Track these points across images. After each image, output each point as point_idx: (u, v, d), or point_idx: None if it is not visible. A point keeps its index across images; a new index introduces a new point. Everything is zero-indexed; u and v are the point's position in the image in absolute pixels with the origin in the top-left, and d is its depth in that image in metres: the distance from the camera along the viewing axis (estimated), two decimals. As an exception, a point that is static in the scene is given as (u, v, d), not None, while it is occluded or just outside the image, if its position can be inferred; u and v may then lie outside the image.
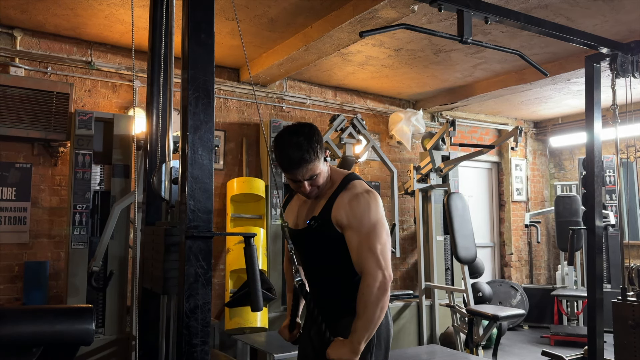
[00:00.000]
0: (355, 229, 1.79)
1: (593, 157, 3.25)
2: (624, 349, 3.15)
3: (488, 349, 5.10)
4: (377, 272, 1.75)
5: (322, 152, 1.84)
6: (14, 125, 3.80)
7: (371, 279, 1.75)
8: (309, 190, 1.86)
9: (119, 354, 3.71)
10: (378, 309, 1.74)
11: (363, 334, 1.74)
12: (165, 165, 1.82)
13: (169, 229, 1.70)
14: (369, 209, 1.80)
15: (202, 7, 1.56)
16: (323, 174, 1.86)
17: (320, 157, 1.82)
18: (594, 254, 3.22)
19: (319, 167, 1.83)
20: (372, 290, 1.74)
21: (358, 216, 1.79)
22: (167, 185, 1.81)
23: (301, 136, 1.80)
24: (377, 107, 6.10)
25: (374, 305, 1.74)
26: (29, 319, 2.13)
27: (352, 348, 1.74)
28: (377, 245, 1.78)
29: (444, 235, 5.49)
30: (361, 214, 1.79)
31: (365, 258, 1.77)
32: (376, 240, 1.78)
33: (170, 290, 1.70)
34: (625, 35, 4.20)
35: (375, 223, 1.79)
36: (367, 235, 1.78)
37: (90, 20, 3.93)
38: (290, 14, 3.82)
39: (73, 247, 3.71)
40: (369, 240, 1.78)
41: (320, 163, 1.83)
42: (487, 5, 2.63)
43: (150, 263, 1.87)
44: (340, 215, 1.81)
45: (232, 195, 4.63)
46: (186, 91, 1.52)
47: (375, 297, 1.74)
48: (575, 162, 7.40)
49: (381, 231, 1.80)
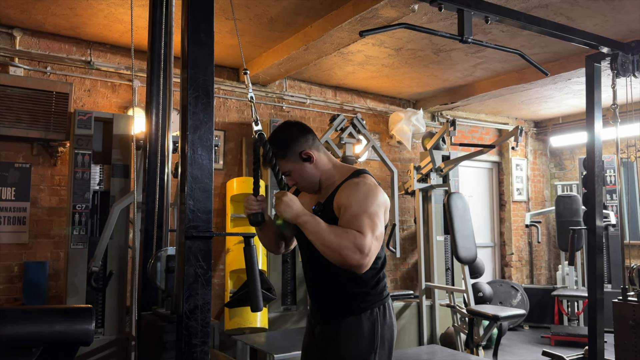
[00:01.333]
0: (354, 205, 1.72)
1: (593, 156, 3.24)
2: (624, 349, 3.14)
3: (488, 349, 5.09)
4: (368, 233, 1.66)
5: (292, 153, 1.85)
6: (14, 125, 3.79)
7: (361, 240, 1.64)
8: (292, 184, 1.92)
9: (118, 354, 3.71)
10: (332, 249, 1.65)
11: (312, 225, 1.69)
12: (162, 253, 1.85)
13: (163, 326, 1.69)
14: (373, 197, 1.75)
15: (201, 6, 1.56)
16: (301, 172, 1.87)
17: (287, 156, 1.85)
18: (594, 253, 3.22)
19: (287, 165, 1.86)
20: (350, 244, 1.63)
21: (360, 197, 1.73)
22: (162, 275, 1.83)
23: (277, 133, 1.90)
24: (377, 107, 6.09)
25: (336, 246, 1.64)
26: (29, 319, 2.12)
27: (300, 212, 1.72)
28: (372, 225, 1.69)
29: (444, 235, 5.48)
30: (364, 197, 1.74)
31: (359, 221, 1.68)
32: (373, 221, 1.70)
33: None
34: (626, 34, 4.20)
35: (375, 210, 1.73)
36: (363, 212, 1.70)
37: (89, 20, 3.93)
38: (290, 14, 3.82)
39: (72, 247, 3.71)
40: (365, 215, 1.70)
41: (288, 163, 1.86)
42: (487, 5, 2.62)
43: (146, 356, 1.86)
44: (341, 197, 1.77)
45: (232, 195, 4.63)
46: (186, 91, 1.52)
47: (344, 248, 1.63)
48: (575, 162, 7.40)
49: (377, 220, 1.72)
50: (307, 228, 1.71)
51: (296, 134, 1.88)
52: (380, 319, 1.83)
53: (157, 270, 1.83)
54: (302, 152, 1.86)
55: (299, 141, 1.87)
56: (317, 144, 1.92)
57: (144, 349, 1.90)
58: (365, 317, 1.82)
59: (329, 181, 1.90)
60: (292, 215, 1.72)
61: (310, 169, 1.88)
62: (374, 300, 1.84)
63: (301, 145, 1.87)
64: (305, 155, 1.86)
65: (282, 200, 1.73)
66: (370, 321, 1.82)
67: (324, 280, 1.93)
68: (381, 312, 1.84)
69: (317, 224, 1.70)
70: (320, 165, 1.90)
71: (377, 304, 1.85)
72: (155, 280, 1.83)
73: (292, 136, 1.88)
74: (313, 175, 1.89)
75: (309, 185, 1.91)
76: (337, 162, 1.96)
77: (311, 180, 1.90)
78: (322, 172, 1.90)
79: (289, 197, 1.74)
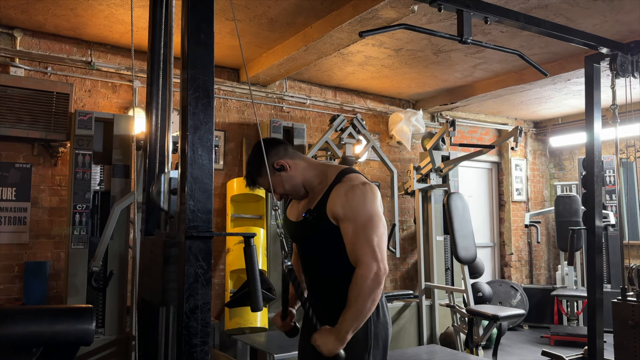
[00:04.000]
0: (351, 219, 1.78)
1: (593, 157, 3.25)
2: (623, 349, 3.15)
3: (488, 349, 5.10)
4: (372, 263, 1.73)
5: (264, 170, 1.89)
6: (14, 125, 3.80)
7: (366, 270, 1.73)
8: (279, 197, 1.98)
9: (118, 354, 3.71)
10: (369, 300, 1.73)
11: (351, 324, 1.73)
12: (164, 175, 1.82)
13: (167, 241, 1.69)
14: (364, 200, 1.79)
15: (201, 7, 1.56)
16: (280, 183, 1.93)
17: (264, 174, 1.89)
18: (593, 254, 3.22)
19: (265, 183, 1.93)
20: (365, 281, 1.72)
21: (354, 207, 1.78)
22: (166, 196, 1.81)
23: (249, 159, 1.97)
24: (377, 107, 6.10)
25: (366, 296, 1.72)
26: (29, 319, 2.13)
27: (339, 337, 1.73)
28: (373, 237, 1.76)
29: (444, 235, 5.49)
30: (357, 205, 1.78)
31: (360, 249, 1.75)
32: (372, 231, 1.77)
33: (168, 302, 1.68)
34: (625, 35, 4.21)
35: (371, 214, 1.78)
36: (363, 226, 1.77)
37: (90, 20, 3.93)
38: (290, 14, 3.82)
39: (73, 247, 3.71)
40: (365, 231, 1.76)
41: (266, 179, 1.91)
42: (486, 5, 2.63)
43: (148, 274, 1.86)
44: (335, 207, 1.81)
45: (232, 195, 4.63)
46: (186, 91, 1.52)
47: (368, 288, 1.72)
48: (575, 162, 7.40)
49: (378, 223, 1.79)
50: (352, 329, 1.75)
51: (265, 150, 1.91)
52: (373, 317, 1.84)
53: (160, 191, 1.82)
54: (274, 164, 1.92)
55: (269, 155, 1.91)
56: (290, 152, 1.97)
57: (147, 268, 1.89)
58: None
59: (315, 184, 1.94)
60: (335, 346, 1.74)
61: (288, 177, 1.93)
62: None
63: (271, 158, 1.92)
64: (278, 166, 1.92)
65: (319, 345, 1.76)
66: None
67: (319, 280, 1.95)
68: (374, 311, 1.85)
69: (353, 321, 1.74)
70: (299, 170, 1.94)
71: None
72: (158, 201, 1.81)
73: (260, 153, 1.90)
74: (294, 182, 1.93)
75: (293, 192, 1.96)
76: (319, 163, 2.00)
77: (293, 187, 1.94)
78: (302, 177, 1.94)
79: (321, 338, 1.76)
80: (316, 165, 1.98)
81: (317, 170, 1.95)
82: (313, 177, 1.94)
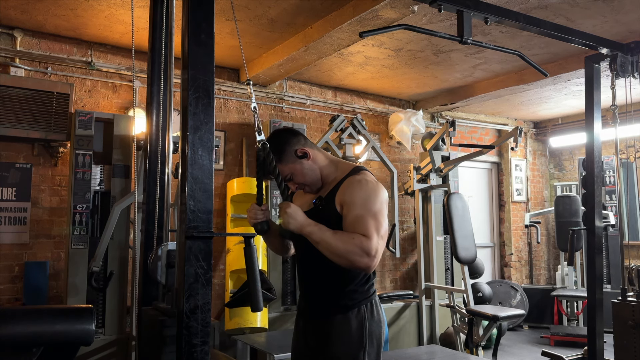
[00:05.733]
0: (358, 205, 1.76)
1: (593, 157, 3.25)
2: (623, 350, 3.15)
3: (488, 349, 5.10)
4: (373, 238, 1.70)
5: (288, 154, 1.89)
6: (14, 125, 3.80)
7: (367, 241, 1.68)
8: (296, 188, 1.95)
9: (119, 354, 3.72)
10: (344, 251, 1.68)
11: (318, 236, 1.72)
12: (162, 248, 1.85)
13: (164, 321, 1.69)
14: (375, 195, 1.79)
15: (202, 7, 1.57)
16: (301, 171, 1.90)
17: (284, 160, 1.88)
18: (593, 254, 3.22)
19: (286, 169, 1.89)
20: (360, 243, 1.68)
21: (363, 197, 1.78)
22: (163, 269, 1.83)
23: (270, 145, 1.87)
24: (377, 108, 6.10)
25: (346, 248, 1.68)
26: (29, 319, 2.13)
27: (305, 224, 1.74)
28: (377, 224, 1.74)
29: (444, 235, 5.49)
30: (367, 196, 1.78)
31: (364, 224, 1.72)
32: (377, 221, 1.75)
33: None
34: (625, 35, 4.21)
35: (379, 209, 1.78)
36: (367, 212, 1.75)
37: (90, 20, 3.93)
38: (290, 14, 3.83)
39: (73, 247, 3.71)
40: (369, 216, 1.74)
41: (287, 165, 1.89)
42: (486, 6, 2.63)
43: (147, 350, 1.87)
44: (344, 195, 1.81)
45: (232, 195, 4.64)
46: (186, 91, 1.52)
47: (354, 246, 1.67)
48: (575, 163, 7.41)
49: (381, 219, 1.78)
50: (313, 238, 1.74)
51: (287, 137, 1.93)
52: (368, 316, 1.84)
53: (157, 265, 1.83)
54: (297, 151, 1.91)
55: (291, 142, 1.91)
56: (309, 143, 1.98)
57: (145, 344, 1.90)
58: (352, 315, 1.83)
59: (330, 177, 1.94)
60: (297, 227, 1.75)
61: (309, 165, 1.92)
62: (361, 298, 1.86)
63: (294, 145, 1.92)
64: (301, 153, 1.91)
65: (286, 212, 1.76)
66: (358, 319, 1.83)
67: (316, 277, 1.94)
68: (369, 310, 1.85)
69: (322, 233, 1.73)
70: (318, 161, 1.94)
71: (364, 302, 1.86)
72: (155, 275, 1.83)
73: (284, 140, 1.92)
74: (314, 171, 1.92)
75: (312, 182, 1.94)
76: (334, 158, 2.00)
77: (313, 177, 1.93)
78: (321, 167, 1.94)
79: (292, 208, 1.76)
80: (331, 159, 1.99)
81: (333, 163, 1.97)
82: (329, 170, 1.95)
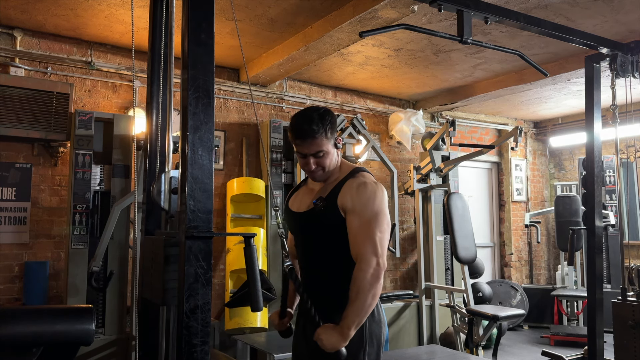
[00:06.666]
0: (358, 213, 1.82)
1: (593, 157, 3.25)
2: (623, 349, 3.15)
3: (488, 349, 5.10)
4: (372, 258, 1.77)
5: (333, 135, 1.91)
6: (14, 125, 3.80)
7: (365, 265, 1.77)
8: (314, 169, 1.92)
9: (119, 354, 3.72)
10: (370, 295, 1.76)
11: (354, 319, 1.75)
12: (165, 174, 1.83)
13: (168, 240, 1.69)
14: (374, 197, 1.84)
15: (202, 7, 1.57)
16: (330, 157, 1.92)
17: (329, 136, 1.89)
18: (594, 254, 3.22)
19: (325, 145, 1.89)
20: (365, 276, 1.76)
21: (363, 201, 1.83)
22: (167, 195, 1.81)
23: (314, 112, 1.89)
24: (377, 107, 6.10)
25: (367, 292, 1.75)
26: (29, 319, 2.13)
27: (342, 333, 1.75)
28: (376, 232, 1.80)
29: (444, 235, 5.49)
30: (366, 200, 1.83)
31: (362, 243, 1.79)
32: (376, 227, 1.81)
33: (169, 301, 1.69)
34: (625, 35, 4.21)
35: (378, 211, 1.83)
36: (368, 221, 1.81)
37: (90, 20, 3.93)
38: (290, 14, 3.82)
39: (73, 247, 3.71)
40: (370, 226, 1.80)
41: (328, 143, 1.90)
42: (487, 6, 2.63)
43: (149, 273, 1.87)
44: (345, 199, 1.85)
45: (232, 195, 4.63)
46: (186, 91, 1.52)
47: (368, 283, 1.75)
48: (575, 162, 7.40)
49: (382, 220, 1.83)
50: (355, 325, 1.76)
51: (332, 122, 1.93)
52: (368, 316, 1.84)
53: (161, 191, 1.82)
54: (337, 138, 1.95)
55: (334, 130, 1.94)
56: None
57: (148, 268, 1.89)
58: None
59: (333, 176, 1.97)
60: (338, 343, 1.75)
61: (336, 156, 1.97)
62: None
63: (335, 132, 1.95)
64: (339, 143, 1.96)
65: (322, 340, 1.77)
66: None
67: (316, 277, 1.95)
68: None
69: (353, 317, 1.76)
70: (337, 157, 1.99)
71: None
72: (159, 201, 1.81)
73: (335, 122, 1.94)
74: (335, 164, 1.96)
75: (329, 171, 1.96)
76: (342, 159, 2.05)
77: (332, 168, 1.96)
78: (334, 163, 1.97)
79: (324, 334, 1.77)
80: (339, 156, 2.03)
81: (340, 163, 2.01)
82: (336, 169, 1.98)
